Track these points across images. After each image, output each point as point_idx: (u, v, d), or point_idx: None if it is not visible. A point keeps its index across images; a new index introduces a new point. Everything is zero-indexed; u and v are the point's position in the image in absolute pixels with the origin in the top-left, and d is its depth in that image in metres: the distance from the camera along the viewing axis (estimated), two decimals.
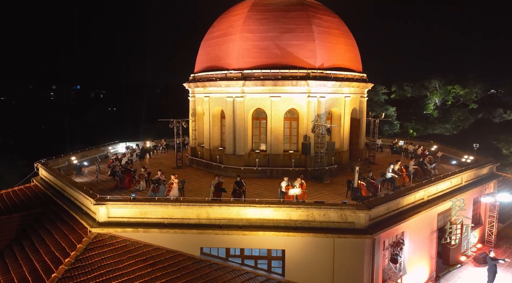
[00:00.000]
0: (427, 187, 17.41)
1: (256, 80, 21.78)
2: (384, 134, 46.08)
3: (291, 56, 22.09)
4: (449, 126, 48.63)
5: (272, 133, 22.32)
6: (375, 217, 14.55)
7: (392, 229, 15.21)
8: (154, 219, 14.42)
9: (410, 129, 50.49)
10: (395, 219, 15.35)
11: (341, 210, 13.93)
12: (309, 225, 14.10)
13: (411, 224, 16.52)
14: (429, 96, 51.19)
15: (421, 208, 16.93)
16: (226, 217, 14.28)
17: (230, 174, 22.52)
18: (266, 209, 14.12)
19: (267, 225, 14.19)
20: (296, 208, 14.02)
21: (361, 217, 13.89)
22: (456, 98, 51.44)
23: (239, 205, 14.19)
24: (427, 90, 51.10)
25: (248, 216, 14.26)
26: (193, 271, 13.65)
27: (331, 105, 23.04)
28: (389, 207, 15.23)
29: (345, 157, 23.85)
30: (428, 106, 51.57)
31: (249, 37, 22.55)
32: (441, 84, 50.24)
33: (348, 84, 23.06)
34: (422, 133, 48.57)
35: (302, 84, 21.64)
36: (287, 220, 14.17)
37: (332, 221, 14.05)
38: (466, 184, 20.70)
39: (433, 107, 51.75)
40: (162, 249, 14.36)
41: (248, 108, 22.56)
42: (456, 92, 50.20)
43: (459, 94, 50.53)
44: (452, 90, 50.25)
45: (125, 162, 25.81)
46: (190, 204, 14.26)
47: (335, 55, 23.13)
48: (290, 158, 22.48)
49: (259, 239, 14.18)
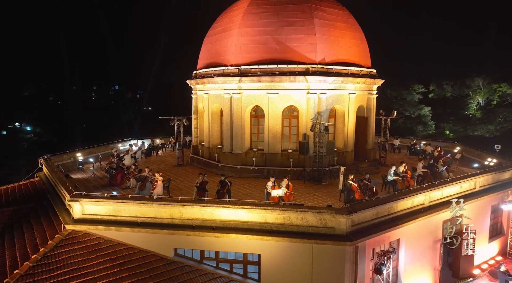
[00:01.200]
0: (429, 191, 15.85)
1: (252, 76, 20.97)
2: (417, 135, 43.81)
3: (290, 51, 21.08)
4: (492, 128, 44.96)
5: (270, 132, 21.41)
6: (360, 222, 13.33)
7: (382, 236, 13.88)
8: (127, 217, 14.01)
9: (447, 130, 47.43)
10: (387, 225, 14.00)
11: (320, 213, 12.84)
12: (285, 228, 13.12)
13: (409, 231, 15.08)
14: (472, 95, 47.65)
15: (421, 214, 15.42)
16: (199, 217, 13.61)
17: (226, 173, 21.83)
18: (240, 210, 13.30)
19: (241, 227, 13.37)
20: (271, 210, 13.09)
21: (341, 222, 12.74)
22: (503, 97, 47.49)
23: (212, 205, 13.47)
24: (469, 89, 47.58)
25: (222, 217, 13.51)
26: (163, 273, 13.09)
27: (333, 103, 21.77)
28: (379, 212, 13.92)
29: (349, 157, 22.48)
30: (470, 106, 47.98)
31: (248, 31, 21.77)
32: (485, 83, 46.47)
33: (352, 80, 21.68)
34: (459, 135, 45.51)
35: (300, 80, 20.57)
36: (263, 222, 13.27)
37: (311, 225, 13.00)
38: (481, 189, 18.78)
39: (475, 107, 48.13)
40: (135, 248, 13.92)
41: (245, 106, 21.79)
42: (502, 91, 46.42)
43: (506, 93, 46.67)
44: (498, 89, 46.46)
45: (128, 159, 25.93)
46: (162, 203, 13.72)
47: (338, 49, 21.84)
48: (288, 157, 21.46)
49: (234, 242, 13.39)
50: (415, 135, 43.04)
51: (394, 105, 46.18)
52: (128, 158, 26.30)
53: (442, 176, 20.33)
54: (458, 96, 49.44)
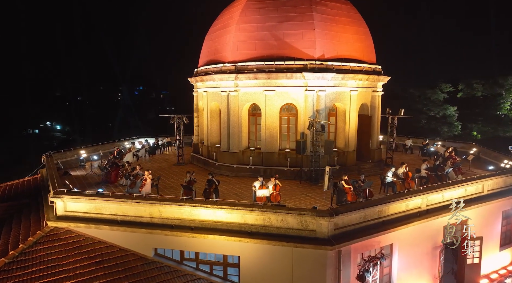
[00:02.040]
0: (426, 194, 14.85)
1: (249, 73, 20.45)
2: (442, 136, 41.96)
3: (288, 47, 20.42)
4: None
5: (267, 130, 20.83)
6: (345, 226, 12.57)
7: (370, 241, 13.07)
8: (108, 216, 13.82)
9: (474, 131, 45.14)
10: (377, 229, 13.17)
11: (300, 215, 12.18)
12: (265, 230, 12.54)
13: (403, 236, 14.18)
14: (505, 94, 45.10)
15: (417, 218, 14.46)
16: (178, 217, 13.23)
17: (223, 172, 21.49)
18: (219, 210, 12.83)
19: (220, 228, 12.90)
20: (250, 211, 12.54)
21: (323, 225, 12.03)
22: None
23: (190, 204, 13.06)
24: (502, 88, 45.06)
25: (201, 217, 13.08)
26: (140, 273, 12.78)
27: (333, 100, 20.94)
28: (367, 215, 13.10)
29: (350, 157, 21.58)
30: (503, 106, 45.38)
31: (245, 28, 21.27)
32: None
33: (354, 77, 20.77)
34: (488, 136, 43.15)
35: (297, 76, 19.88)
36: (242, 223, 12.75)
37: (291, 227, 12.36)
38: (491, 193, 17.51)
39: (508, 106, 45.50)
40: (115, 247, 13.69)
41: (242, 103, 21.30)
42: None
43: None
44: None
45: (130, 157, 25.98)
46: (141, 202, 13.43)
47: (340, 45, 20.99)
48: (285, 157, 20.81)
49: (214, 243, 12.93)
50: (440, 136, 41.20)
51: (417, 105, 44.53)
52: (130, 156, 26.35)
53: (449, 178, 19.12)
54: (489, 95, 46.82)
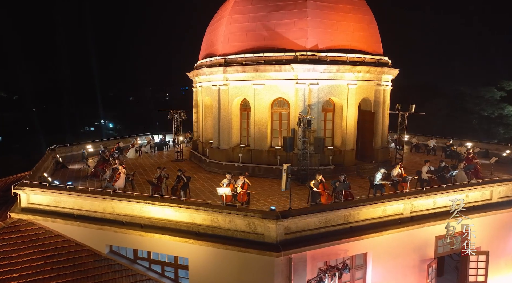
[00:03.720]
0: (410, 199, 12.99)
1: (237, 66, 19.46)
2: (498, 137, 38.27)
3: (279, 37, 19.16)
4: None
5: (255, 126, 19.71)
6: (300, 230, 11.23)
7: (333, 249, 11.61)
8: (66, 209, 13.55)
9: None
10: (341, 236, 11.67)
11: (247, 217, 11.04)
12: (213, 232, 11.54)
13: (379, 245, 12.52)
14: None
15: (398, 226, 12.69)
16: (129, 213, 12.62)
17: (213, 169, 20.74)
18: (167, 208, 12.03)
19: (169, 227, 12.09)
20: (197, 210, 11.60)
21: (271, 228, 10.79)
22: None
23: (139, 201, 12.38)
24: None
25: (151, 215, 12.36)
26: (89, 269, 12.33)
27: (328, 94, 19.33)
28: (329, 220, 11.62)
29: (348, 156, 19.81)
30: None
31: (237, 19, 20.30)
32: None
33: (351, 69, 19.01)
34: None
35: (286, 68, 18.56)
36: (190, 223, 11.84)
37: (239, 230, 11.25)
38: (502, 201, 15.11)
39: None
40: (72, 242, 13.39)
41: (232, 98, 20.36)
42: None
43: None
44: None
45: (132, 152, 26.06)
46: (95, 196, 12.99)
47: (337, 34, 19.35)
48: (275, 154, 19.56)
49: (164, 243, 12.16)
50: (495, 138, 37.49)
51: (467, 104, 40.97)
52: (133, 151, 26.48)
53: (455, 182, 16.82)
54: None
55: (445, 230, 13.38)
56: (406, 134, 33.19)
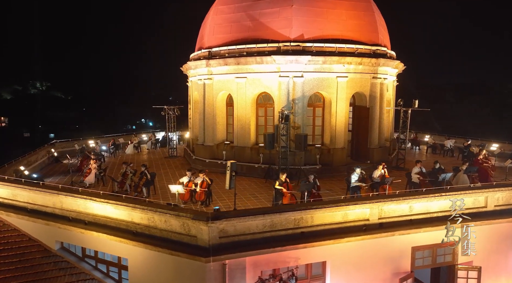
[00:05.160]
0: (378, 203, 11.44)
1: (219, 59, 18.58)
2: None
3: (263, 28, 18.04)
4: None
5: (238, 122, 18.72)
6: (239, 234, 10.13)
7: (280, 255, 10.41)
8: (21, 203, 13.31)
9: None
10: (290, 242, 10.44)
11: (179, 217, 10.12)
12: (149, 232, 10.75)
13: (340, 254, 11.13)
14: None
15: (362, 233, 11.21)
16: (75, 209, 12.13)
17: (197, 166, 19.97)
18: (107, 205, 11.39)
19: (110, 224, 11.45)
20: (133, 208, 10.86)
21: (203, 231, 9.81)
22: None
23: (82, 197, 11.84)
24: None
25: (94, 212, 11.78)
26: (34, 266, 12.05)
27: (314, 88, 17.93)
28: (275, 223, 10.41)
29: (338, 156, 18.28)
30: None
31: (223, 9, 19.43)
32: None
33: (339, 60, 17.47)
34: None
35: (268, 60, 17.40)
36: (129, 222, 11.12)
37: (174, 231, 10.36)
38: (499, 210, 13.06)
39: None
40: (25, 236, 13.15)
41: (216, 92, 19.51)
42: None
43: None
44: None
45: (130, 149, 25.99)
46: (43, 190, 12.60)
47: (326, 23, 17.90)
48: (258, 152, 18.45)
49: (107, 242, 11.54)
50: None
51: None
52: (131, 147, 26.42)
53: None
54: None
55: (421, 239, 11.78)
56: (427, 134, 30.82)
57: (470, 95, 65.37)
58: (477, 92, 65.54)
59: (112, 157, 24.82)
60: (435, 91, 68.58)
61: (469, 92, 66.20)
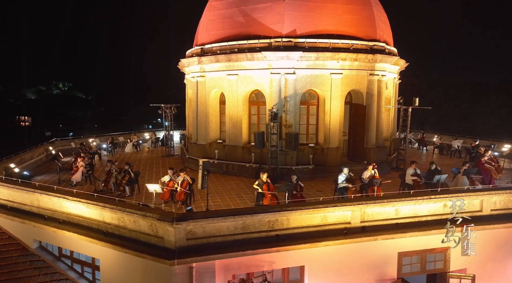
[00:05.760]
0: (361, 206, 10.79)
1: (211, 56, 18.19)
2: None
3: (255, 23, 17.55)
4: None
5: (230, 121, 18.29)
6: (209, 236, 9.67)
7: (253, 259, 9.92)
8: (2, 200, 13.25)
9: None
10: (264, 245, 9.92)
11: (146, 217, 9.75)
12: (119, 232, 10.42)
13: (319, 258, 10.56)
14: None
15: (342, 237, 10.60)
16: (51, 207, 11.92)
17: (190, 165, 19.68)
18: (79, 204, 11.13)
19: (83, 224, 11.19)
20: (102, 207, 10.55)
21: (170, 232, 9.40)
22: None
23: (56, 195, 11.61)
24: None
25: (69, 210, 11.54)
26: (10, 265, 11.89)
27: (307, 85, 17.32)
28: (248, 225, 9.90)
29: (332, 156, 17.62)
30: None
31: (216, 5, 19.04)
32: None
33: (333, 56, 16.82)
34: None
35: (259, 57, 16.90)
36: (100, 221, 10.83)
37: (143, 231, 9.99)
38: (497, 215, 12.20)
39: None
40: (6, 234, 13.08)
41: (209, 90, 19.13)
42: None
43: None
44: None
45: (130, 147, 25.93)
46: (20, 188, 12.43)
47: (320, 18, 17.28)
48: (249, 151, 17.96)
49: (81, 242, 11.28)
50: None
51: None
52: (130, 146, 26.36)
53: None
54: None
55: (409, 244, 11.10)
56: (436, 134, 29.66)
57: (486, 94, 63.22)
58: (494, 91, 63.35)
59: (110, 155, 24.78)
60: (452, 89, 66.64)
61: (486, 91, 64.00)
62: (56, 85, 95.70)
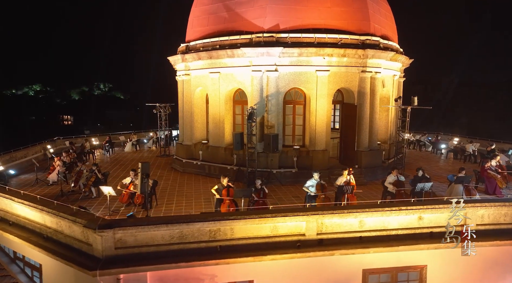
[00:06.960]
0: (317, 216, 9.65)
1: (193, 53, 17.50)
2: None
3: (238, 18, 16.67)
4: None
5: (213, 120, 17.51)
6: (141, 245, 8.92)
7: (192, 271, 9.07)
8: None
9: None
10: (205, 257, 9.05)
11: (75, 223, 9.15)
12: (57, 237, 9.91)
13: (269, 273, 9.56)
14: None
15: (295, 250, 9.52)
16: (3, 208, 11.66)
17: (176, 166, 19.19)
18: (23, 206, 10.74)
19: (28, 227, 10.81)
20: (40, 210, 10.08)
21: (97, 240, 8.73)
22: None
23: (6, 196, 11.29)
24: None
25: (18, 212, 11.21)
26: None
27: (291, 84, 16.22)
28: (185, 235, 9.06)
29: (318, 159, 16.39)
30: None
31: (203, 1, 18.32)
32: None
33: (317, 52, 15.60)
34: None
35: (239, 54, 16.00)
36: (42, 225, 10.37)
37: (76, 237, 9.41)
38: (485, 230, 10.64)
39: None
40: None
41: (194, 89, 18.47)
42: None
43: None
44: None
45: (129, 146, 25.84)
46: None
47: (306, 11, 16.13)
48: (231, 153, 17.09)
49: (26, 245, 10.92)
50: None
51: None
52: (129, 145, 26.25)
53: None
54: None
55: (376, 261, 9.83)
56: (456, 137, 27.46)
57: (498, 94, 59.06)
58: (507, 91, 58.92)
59: (107, 154, 24.73)
60: (485, 89, 62.64)
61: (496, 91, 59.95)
62: (98, 86, 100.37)
